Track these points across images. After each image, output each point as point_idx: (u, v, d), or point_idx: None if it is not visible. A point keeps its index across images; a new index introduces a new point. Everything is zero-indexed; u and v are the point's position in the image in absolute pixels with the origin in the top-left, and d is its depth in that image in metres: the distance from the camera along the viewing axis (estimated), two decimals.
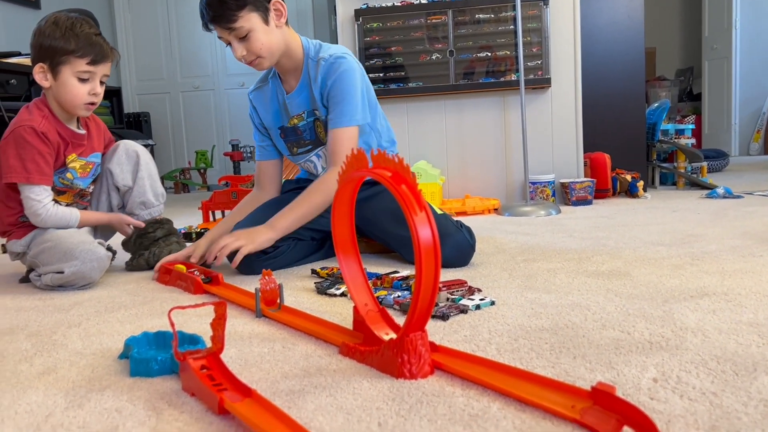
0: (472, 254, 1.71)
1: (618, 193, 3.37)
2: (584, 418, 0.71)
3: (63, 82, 1.68)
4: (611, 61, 3.57)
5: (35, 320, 1.33)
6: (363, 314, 1.04)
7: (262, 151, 1.96)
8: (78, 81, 1.68)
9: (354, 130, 1.73)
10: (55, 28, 1.66)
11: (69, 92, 1.68)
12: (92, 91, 1.70)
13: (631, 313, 1.15)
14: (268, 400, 0.77)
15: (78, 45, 1.65)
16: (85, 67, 1.67)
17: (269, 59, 1.72)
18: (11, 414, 0.83)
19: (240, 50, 1.67)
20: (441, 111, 3.30)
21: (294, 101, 1.82)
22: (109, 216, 1.86)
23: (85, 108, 1.72)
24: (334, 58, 1.74)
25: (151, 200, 1.87)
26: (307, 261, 1.85)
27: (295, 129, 1.86)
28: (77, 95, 1.68)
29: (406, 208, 0.86)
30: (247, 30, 1.64)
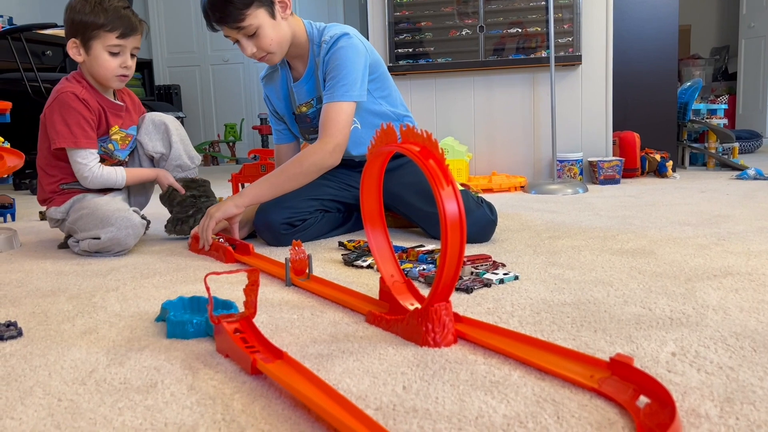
0: (493, 230, 1.73)
1: (647, 172, 3.35)
2: (602, 388, 0.74)
3: (95, 57, 1.72)
4: (644, 38, 3.52)
5: (75, 284, 1.39)
6: (389, 285, 1.07)
7: (279, 135, 1.98)
8: (109, 55, 1.72)
9: (349, 105, 1.69)
10: (85, 3, 1.70)
11: (101, 66, 1.72)
12: (123, 63, 1.74)
13: (654, 291, 1.17)
14: (298, 362, 0.81)
15: (107, 19, 1.69)
16: (115, 41, 1.71)
17: (279, 53, 1.72)
18: (57, 369, 0.88)
19: (250, 48, 1.66)
20: (469, 87, 3.30)
21: (301, 89, 1.82)
22: (155, 171, 1.90)
23: (118, 80, 1.76)
24: (335, 39, 1.71)
25: (186, 163, 1.91)
26: (334, 234, 1.88)
27: (304, 116, 1.86)
28: (109, 68, 1.73)
29: (433, 182, 0.88)
30: (256, 27, 1.63)
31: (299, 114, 1.87)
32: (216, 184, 3.50)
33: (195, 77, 6.36)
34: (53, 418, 0.73)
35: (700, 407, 0.70)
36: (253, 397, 0.77)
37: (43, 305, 1.22)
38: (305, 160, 1.66)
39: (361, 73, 1.71)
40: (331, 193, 1.86)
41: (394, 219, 1.97)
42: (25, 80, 3.51)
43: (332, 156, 1.67)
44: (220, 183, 3.61)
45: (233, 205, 1.67)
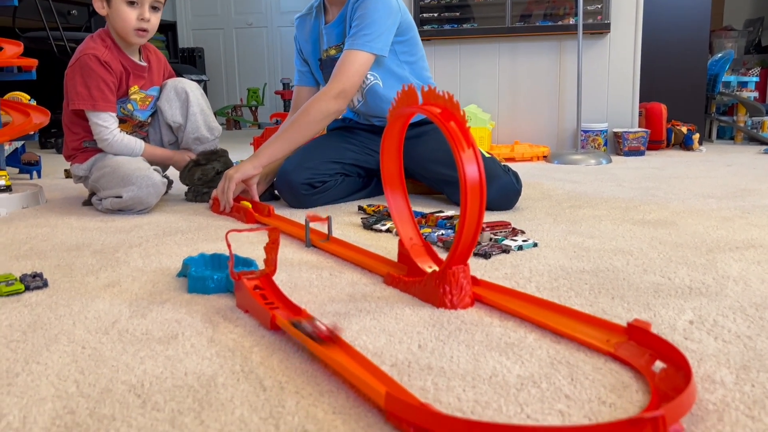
0: (516, 198, 1.72)
1: (672, 145, 3.30)
2: (618, 352, 0.74)
3: (115, 8, 1.73)
4: (675, 7, 3.43)
5: (98, 239, 1.41)
6: (408, 247, 1.08)
7: (301, 76, 1.97)
8: (127, 5, 1.72)
9: (366, 56, 1.68)
10: None
11: (120, 17, 1.72)
12: (141, 15, 1.73)
13: (674, 260, 1.16)
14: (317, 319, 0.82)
15: None
16: None
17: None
18: (81, 318, 0.90)
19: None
20: (495, 54, 3.25)
21: (332, 33, 1.83)
22: (172, 153, 1.91)
23: (136, 34, 1.75)
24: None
25: (205, 135, 1.90)
26: (354, 198, 1.89)
27: (331, 60, 1.83)
28: (127, 20, 1.72)
29: (453, 144, 0.88)
30: None
31: (325, 59, 1.87)
32: (238, 148, 3.52)
33: (219, 40, 6.34)
34: (77, 364, 0.75)
35: (716, 374, 0.70)
36: (272, 350, 0.78)
37: (67, 258, 1.24)
38: (311, 109, 1.68)
39: (386, 28, 1.70)
40: (352, 157, 1.86)
41: (414, 185, 1.97)
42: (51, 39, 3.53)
43: (336, 102, 1.67)
44: (242, 147, 3.62)
45: (251, 167, 1.70)
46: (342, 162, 1.84)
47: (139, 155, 1.82)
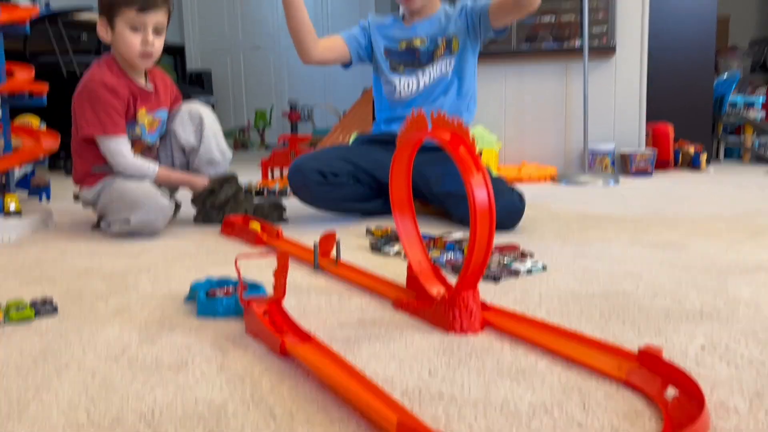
0: (519, 218, 1.73)
1: (680, 165, 3.29)
2: (630, 378, 0.74)
3: (118, 33, 1.74)
4: (680, 28, 3.45)
5: (108, 264, 1.42)
6: (417, 271, 1.08)
7: (349, 37, 2.02)
8: (130, 30, 1.74)
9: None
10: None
11: (124, 42, 1.74)
12: (144, 40, 1.75)
13: (684, 284, 1.15)
14: (326, 345, 0.82)
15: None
16: (135, 15, 1.72)
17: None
18: (92, 345, 0.91)
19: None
20: (501, 76, 3.27)
21: (423, 27, 1.97)
22: (189, 176, 1.92)
23: (141, 58, 1.77)
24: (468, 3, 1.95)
25: (217, 158, 1.92)
26: (360, 206, 1.94)
27: (414, 50, 1.98)
28: (131, 45, 1.74)
29: (463, 169, 0.88)
30: None
31: (405, 48, 1.99)
32: (246, 169, 3.54)
33: (226, 63, 6.40)
34: (87, 392, 0.75)
35: (729, 401, 0.69)
36: (282, 377, 0.78)
37: (77, 284, 1.25)
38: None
39: None
40: (368, 164, 1.91)
41: (422, 205, 1.97)
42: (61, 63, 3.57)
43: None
44: (250, 168, 3.64)
45: None
46: (354, 162, 1.90)
47: (153, 178, 1.83)
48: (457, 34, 1.95)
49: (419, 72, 1.99)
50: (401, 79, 2.00)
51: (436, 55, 1.98)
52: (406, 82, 2.00)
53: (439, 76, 1.97)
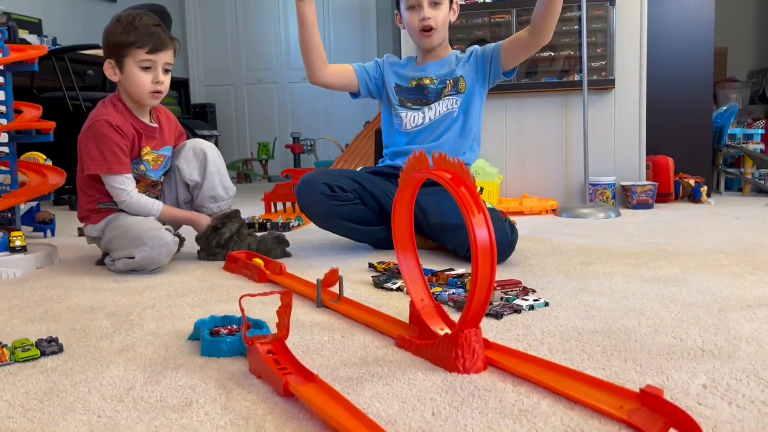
0: (510, 251, 1.76)
1: (681, 197, 3.31)
2: (632, 419, 0.74)
3: (128, 74, 1.78)
4: (678, 61, 3.50)
5: (112, 301, 1.43)
6: (419, 309, 1.08)
7: (359, 66, 2.10)
8: (141, 70, 1.78)
9: None
10: (118, 24, 1.78)
11: (134, 82, 1.78)
12: (155, 79, 1.79)
13: (686, 320, 1.16)
14: (329, 385, 0.83)
15: (137, 36, 1.76)
16: (145, 56, 1.76)
17: (439, 37, 2.00)
18: (97, 385, 0.91)
19: (428, 11, 1.95)
20: (501, 110, 3.31)
21: (433, 68, 2.05)
22: (192, 215, 1.94)
23: (152, 96, 1.81)
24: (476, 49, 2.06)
25: (220, 194, 1.94)
26: (364, 231, 1.99)
27: (423, 87, 2.06)
28: (141, 84, 1.78)
29: (464, 209, 0.90)
30: (442, 2, 1.95)
31: (414, 86, 2.06)
32: (248, 202, 3.56)
33: (230, 96, 6.48)
34: None
35: None
36: (285, 418, 0.78)
37: (82, 321, 1.26)
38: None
39: None
40: (373, 188, 1.96)
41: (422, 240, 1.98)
42: (67, 99, 3.62)
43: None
44: (253, 200, 3.66)
45: None
46: (362, 185, 1.95)
47: (156, 216, 1.85)
48: (465, 76, 2.03)
49: (426, 108, 2.05)
50: (408, 113, 2.06)
51: (443, 93, 2.04)
52: (413, 116, 2.05)
53: (446, 112, 2.03)
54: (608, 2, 3.07)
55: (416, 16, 1.96)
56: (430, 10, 1.95)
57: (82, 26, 5.00)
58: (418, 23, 1.96)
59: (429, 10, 1.95)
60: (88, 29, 4.99)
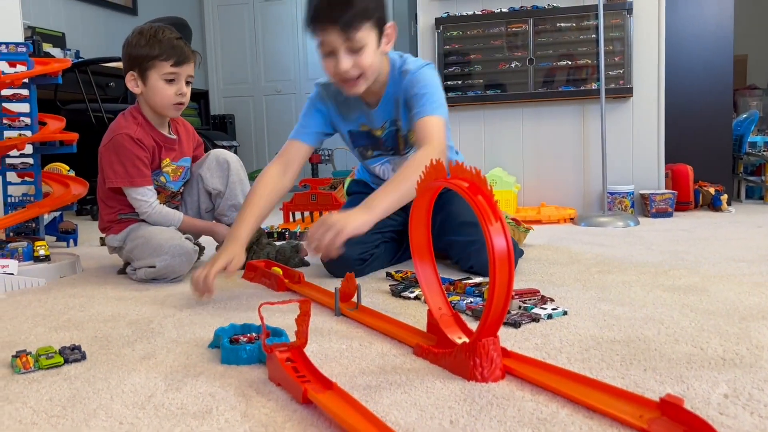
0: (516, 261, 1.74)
1: (700, 206, 3.28)
2: (652, 428, 0.74)
3: (152, 86, 1.80)
4: (697, 69, 3.48)
5: (134, 309, 1.45)
6: (437, 317, 1.09)
7: (303, 132, 1.80)
8: (165, 83, 1.80)
9: (442, 119, 1.64)
10: (140, 37, 1.80)
11: (158, 94, 1.81)
12: (179, 91, 1.82)
13: (706, 329, 1.15)
14: (348, 393, 0.83)
15: (161, 49, 1.78)
16: (170, 68, 1.79)
17: (367, 82, 1.62)
18: (119, 392, 0.92)
19: (347, 62, 1.54)
20: (518, 119, 3.31)
21: (378, 114, 1.77)
22: (212, 225, 1.97)
23: (174, 108, 1.84)
24: (420, 66, 1.71)
25: (241, 203, 1.96)
26: (392, 263, 1.91)
27: (375, 138, 1.84)
28: (165, 96, 1.81)
29: (481, 217, 0.90)
30: (363, 45, 1.54)
31: (365, 131, 1.82)
32: None
33: (249, 107, 6.53)
34: None
35: None
36: (304, 426, 0.79)
37: (104, 329, 1.27)
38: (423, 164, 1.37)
39: (443, 97, 1.70)
40: (387, 224, 1.77)
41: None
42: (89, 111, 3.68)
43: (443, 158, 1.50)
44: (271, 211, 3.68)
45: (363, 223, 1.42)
46: (382, 231, 1.81)
47: (177, 226, 1.87)
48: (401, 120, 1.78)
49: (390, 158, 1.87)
50: (378, 166, 1.90)
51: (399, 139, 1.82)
52: (383, 169, 1.91)
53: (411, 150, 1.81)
54: (626, 10, 3.06)
55: (332, 65, 1.57)
56: (348, 60, 1.54)
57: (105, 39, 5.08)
58: (336, 73, 1.59)
59: (346, 60, 1.54)
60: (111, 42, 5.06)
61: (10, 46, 2.03)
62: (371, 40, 1.56)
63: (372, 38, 1.56)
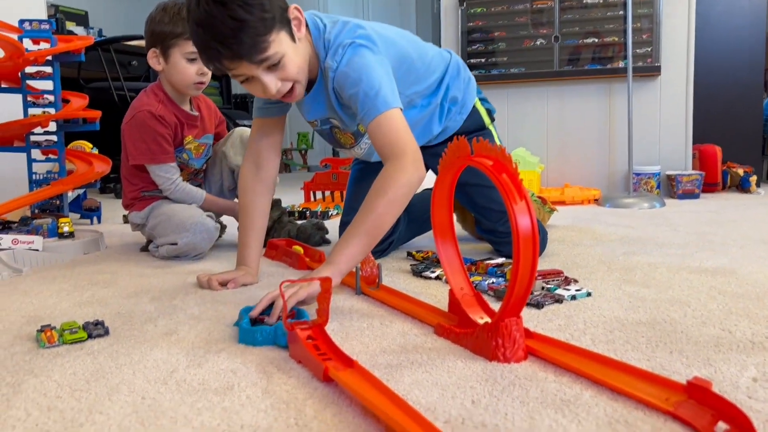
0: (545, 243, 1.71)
1: (728, 187, 3.22)
2: (678, 411, 0.72)
3: (174, 64, 1.80)
4: (727, 47, 3.40)
5: (156, 286, 1.46)
6: (458, 297, 1.08)
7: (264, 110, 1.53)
8: (187, 62, 1.79)
9: (395, 111, 1.33)
10: (164, 14, 1.79)
11: (179, 72, 1.80)
12: (200, 70, 1.81)
13: (735, 312, 1.12)
14: (369, 371, 0.83)
15: (185, 28, 1.76)
16: (192, 48, 1.77)
17: (303, 81, 1.36)
18: (141, 368, 0.93)
19: (273, 84, 1.28)
20: (543, 98, 3.26)
21: (309, 106, 1.49)
22: (230, 204, 1.96)
23: (195, 87, 1.83)
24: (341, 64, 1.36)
25: None
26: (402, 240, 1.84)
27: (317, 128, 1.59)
28: (187, 75, 1.80)
29: (506, 196, 0.88)
30: (281, 55, 1.26)
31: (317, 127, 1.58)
32: (288, 191, 3.59)
33: None
34: (137, 415, 0.77)
35: None
36: (325, 403, 0.79)
37: (127, 305, 1.28)
38: (389, 188, 1.25)
39: (387, 79, 1.36)
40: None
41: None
42: (112, 89, 3.69)
43: (417, 169, 1.28)
44: (292, 190, 3.69)
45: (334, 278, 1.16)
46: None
47: (200, 203, 1.87)
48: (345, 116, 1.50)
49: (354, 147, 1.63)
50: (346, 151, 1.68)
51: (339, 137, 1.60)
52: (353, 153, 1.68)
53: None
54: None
55: (258, 89, 1.32)
56: (272, 80, 1.28)
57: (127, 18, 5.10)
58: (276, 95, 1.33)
59: (270, 80, 1.28)
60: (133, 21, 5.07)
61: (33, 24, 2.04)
62: (285, 44, 1.27)
63: (285, 41, 1.27)
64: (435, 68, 1.63)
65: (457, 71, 1.68)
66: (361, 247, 1.24)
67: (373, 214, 1.24)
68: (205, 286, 1.42)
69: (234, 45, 1.21)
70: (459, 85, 1.67)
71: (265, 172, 1.53)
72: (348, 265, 1.23)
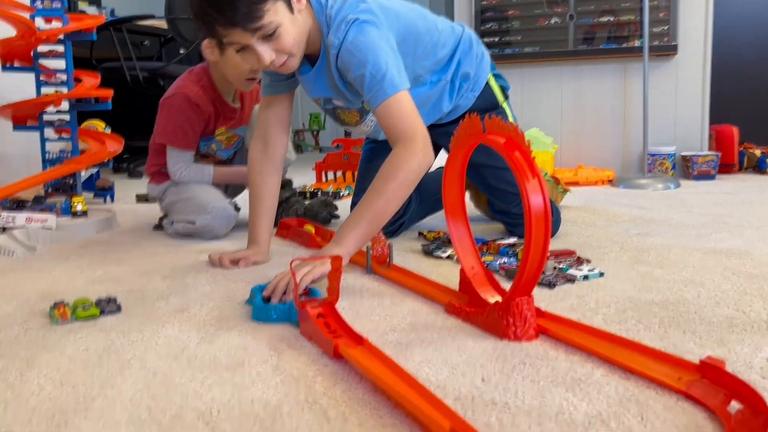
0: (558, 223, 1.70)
1: (745, 168, 3.18)
2: (691, 390, 0.72)
3: (228, 58, 1.76)
4: (745, 27, 3.33)
5: (168, 264, 1.46)
6: (470, 276, 1.07)
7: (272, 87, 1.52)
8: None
9: (403, 93, 1.31)
10: None
11: (234, 66, 1.77)
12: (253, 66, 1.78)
13: (749, 293, 1.11)
14: (379, 349, 0.83)
15: None
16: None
17: (299, 54, 1.34)
18: (152, 344, 0.94)
19: (268, 54, 1.27)
20: (557, 77, 3.22)
21: (312, 83, 1.46)
22: (238, 169, 1.93)
23: (246, 83, 1.81)
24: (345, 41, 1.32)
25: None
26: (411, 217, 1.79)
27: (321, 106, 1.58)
28: (241, 72, 1.77)
29: (518, 174, 0.87)
30: (276, 25, 1.24)
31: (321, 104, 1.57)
32: (301, 172, 3.58)
33: None
34: (149, 390, 0.78)
35: None
36: (335, 380, 0.79)
37: (139, 283, 1.29)
38: (398, 171, 1.25)
39: (393, 59, 1.32)
40: None
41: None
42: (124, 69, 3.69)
43: (426, 153, 1.28)
44: (304, 170, 3.68)
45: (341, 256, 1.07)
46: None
47: (210, 181, 1.87)
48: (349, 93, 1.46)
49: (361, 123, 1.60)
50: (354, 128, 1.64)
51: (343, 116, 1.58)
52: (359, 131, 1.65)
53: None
54: None
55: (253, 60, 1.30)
56: (267, 50, 1.26)
57: None
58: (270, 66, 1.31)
59: (265, 50, 1.26)
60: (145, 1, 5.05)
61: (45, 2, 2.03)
62: (282, 14, 1.25)
63: (282, 11, 1.25)
64: (445, 42, 1.59)
65: (469, 46, 1.65)
66: (367, 230, 1.25)
67: (381, 198, 1.25)
68: (217, 264, 1.42)
69: (228, 11, 1.20)
70: (471, 61, 1.64)
71: (273, 149, 1.52)
72: (355, 247, 1.25)
